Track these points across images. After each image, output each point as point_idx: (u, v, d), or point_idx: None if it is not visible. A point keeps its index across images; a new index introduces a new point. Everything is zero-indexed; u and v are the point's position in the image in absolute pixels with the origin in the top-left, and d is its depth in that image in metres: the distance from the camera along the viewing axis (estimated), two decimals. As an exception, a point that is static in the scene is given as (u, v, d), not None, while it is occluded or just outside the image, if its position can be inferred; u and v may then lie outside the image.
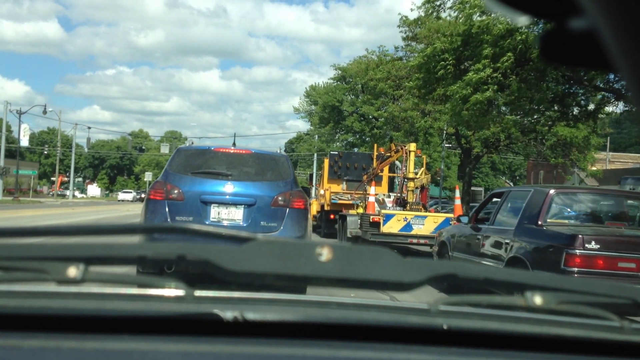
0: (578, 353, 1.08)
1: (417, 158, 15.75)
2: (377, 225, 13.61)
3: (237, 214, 7.03)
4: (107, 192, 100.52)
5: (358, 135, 48.03)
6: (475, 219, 8.50)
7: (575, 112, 20.36)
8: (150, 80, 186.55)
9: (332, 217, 18.74)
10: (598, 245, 5.91)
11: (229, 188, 7.04)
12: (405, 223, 13.62)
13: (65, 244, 0.99)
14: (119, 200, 71.89)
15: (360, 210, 15.70)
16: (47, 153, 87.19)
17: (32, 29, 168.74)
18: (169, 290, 1.05)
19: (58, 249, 0.98)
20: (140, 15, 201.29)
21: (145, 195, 7.31)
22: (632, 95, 0.63)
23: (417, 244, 14.10)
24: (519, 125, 23.99)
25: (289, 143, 72.45)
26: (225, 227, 6.90)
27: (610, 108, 20.69)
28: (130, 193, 77.26)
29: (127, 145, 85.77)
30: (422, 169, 15.82)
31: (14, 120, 50.86)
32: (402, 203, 15.24)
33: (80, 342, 0.94)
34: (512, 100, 17.50)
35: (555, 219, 6.94)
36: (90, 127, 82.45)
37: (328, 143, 50.59)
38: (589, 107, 20.08)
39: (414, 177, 14.98)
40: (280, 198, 7.04)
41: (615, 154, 52.18)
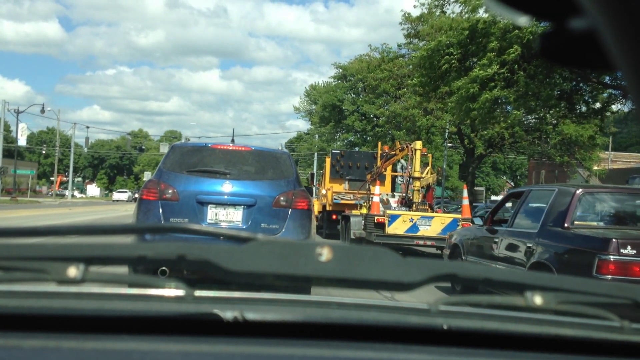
0: (578, 353, 1.08)
1: (422, 156, 15.12)
2: (382, 226, 13.12)
3: (236, 216, 6.63)
4: (106, 192, 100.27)
5: (359, 135, 48.00)
6: (491, 221, 8.06)
7: (582, 109, 20.22)
8: (151, 80, 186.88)
9: (334, 217, 18.37)
10: (635, 251, 5.37)
11: (227, 187, 6.64)
12: (411, 224, 13.09)
13: (65, 244, 0.99)
14: (114, 200, 70.19)
15: (364, 211, 15.21)
16: (46, 153, 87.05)
17: (32, 29, 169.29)
18: (169, 290, 1.05)
19: (58, 249, 0.98)
20: (141, 15, 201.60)
21: (138, 196, 6.91)
22: (632, 95, 0.63)
23: (423, 246, 13.56)
24: (523, 124, 23.83)
25: (289, 143, 72.40)
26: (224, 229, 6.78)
27: (617, 106, 20.53)
28: (126, 193, 75.49)
29: (126, 145, 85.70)
30: (427, 168, 15.31)
31: (14, 120, 50.88)
32: (407, 203, 14.71)
33: (80, 342, 0.94)
34: (519, 96, 17.25)
35: (583, 221, 6.42)
36: (89, 126, 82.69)
37: (329, 142, 50.56)
38: (596, 104, 19.95)
39: (420, 176, 14.46)
40: (282, 198, 6.65)
41: (617, 154, 52.22)
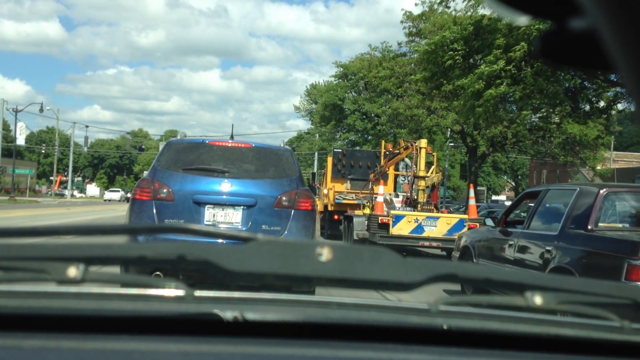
0: (578, 353, 1.08)
1: (426, 155, 14.68)
2: (386, 227, 12.76)
3: (235, 217, 6.29)
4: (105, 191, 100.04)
5: (360, 134, 47.94)
6: (505, 222, 7.72)
7: (586, 108, 20.09)
8: (151, 80, 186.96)
9: (336, 217, 17.97)
10: None
11: (226, 187, 6.28)
12: (416, 225, 12.75)
13: (65, 244, 0.99)
14: (105, 201, 65.16)
15: (367, 211, 14.87)
16: (46, 152, 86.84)
17: (33, 29, 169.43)
18: (169, 290, 1.05)
19: (58, 249, 0.98)
20: (141, 15, 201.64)
21: (131, 195, 6.56)
22: (632, 95, 0.63)
23: (429, 247, 13.23)
24: (528, 123, 23.69)
25: (290, 142, 72.42)
26: None
27: (623, 105, 20.39)
28: (118, 192, 70.75)
29: (126, 145, 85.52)
30: (433, 167, 14.89)
31: (14, 120, 50.81)
32: (412, 203, 14.35)
33: (80, 342, 0.94)
34: (526, 94, 17.03)
35: (608, 223, 6.07)
36: (89, 125, 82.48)
37: (329, 142, 50.50)
38: (600, 103, 19.83)
39: (425, 175, 14.09)
40: (285, 198, 6.31)
41: (619, 153, 52.26)
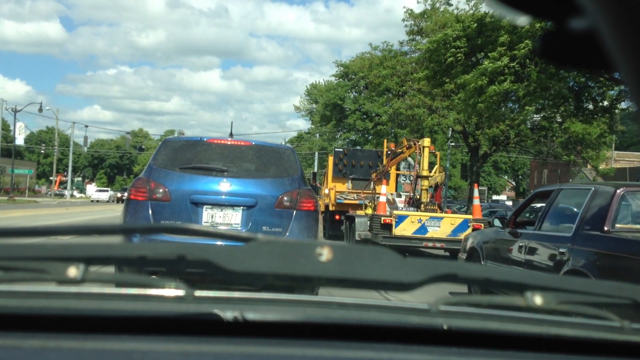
0: (578, 353, 1.08)
1: (429, 154, 14.49)
2: (388, 227, 12.54)
3: (234, 217, 6.08)
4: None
5: (361, 134, 47.94)
6: (514, 223, 7.50)
7: (590, 107, 20.03)
8: (151, 80, 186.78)
9: (337, 217, 17.84)
10: None
11: (225, 186, 6.08)
12: (420, 225, 12.53)
13: (65, 244, 0.99)
14: (92, 201, 58.61)
15: (369, 211, 14.70)
16: (46, 152, 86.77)
17: (33, 29, 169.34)
18: (169, 290, 1.05)
19: (58, 249, 0.98)
20: (142, 15, 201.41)
21: (126, 195, 6.32)
22: (632, 95, 0.63)
23: (432, 248, 13.01)
24: (530, 122, 23.63)
25: (290, 142, 72.42)
26: None
27: (627, 103, 20.30)
28: (106, 192, 63.27)
29: (126, 145, 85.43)
30: (436, 167, 14.78)
31: (13, 120, 50.80)
32: (415, 203, 14.09)
33: (81, 342, 0.94)
34: (530, 92, 16.94)
35: (625, 224, 5.84)
36: (88, 125, 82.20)
37: (330, 142, 50.52)
38: (604, 102, 19.78)
39: (428, 174, 13.87)
40: (286, 198, 6.11)
41: (620, 153, 52.33)
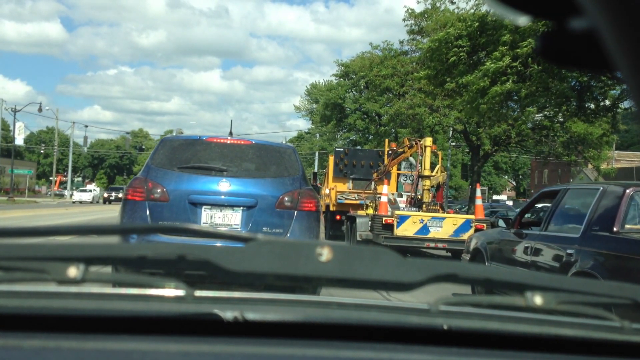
0: (578, 353, 1.08)
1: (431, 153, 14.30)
2: (390, 228, 12.42)
3: (234, 218, 5.98)
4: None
5: (361, 134, 47.89)
6: (519, 223, 7.40)
7: (592, 107, 19.97)
8: (152, 80, 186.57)
9: (338, 218, 17.77)
10: None
11: (224, 186, 5.98)
12: (422, 225, 12.43)
13: (65, 244, 0.99)
14: (74, 202, 51.00)
15: (370, 211, 14.55)
16: (46, 153, 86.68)
17: (34, 30, 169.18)
18: (169, 290, 1.05)
19: (58, 249, 0.98)
20: (142, 16, 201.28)
21: (123, 195, 6.23)
22: (632, 95, 0.63)
23: (434, 248, 12.89)
24: (532, 122, 23.57)
25: (290, 142, 72.44)
26: None
27: (628, 103, 20.28)
28: (90, 192, 55.52)
29: (125, 145, 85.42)
30: (438, 166, 14.57)
31: (13, 120, 50.80)
32: (417, 203, 13.93)
33: (81, 342, 0.94)
34: (533, 92, 16.83)
35: (635, 225, 5.77)
36: (88, 125, 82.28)
37: (330, 142, 50.47)
38: (606, 102, 19.73)
39: (430, 174, 13.71)
40: (287, 198, 6.02)
41: (621, 153, 52.31)
